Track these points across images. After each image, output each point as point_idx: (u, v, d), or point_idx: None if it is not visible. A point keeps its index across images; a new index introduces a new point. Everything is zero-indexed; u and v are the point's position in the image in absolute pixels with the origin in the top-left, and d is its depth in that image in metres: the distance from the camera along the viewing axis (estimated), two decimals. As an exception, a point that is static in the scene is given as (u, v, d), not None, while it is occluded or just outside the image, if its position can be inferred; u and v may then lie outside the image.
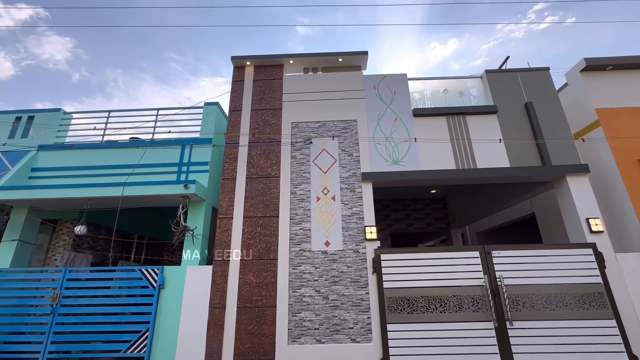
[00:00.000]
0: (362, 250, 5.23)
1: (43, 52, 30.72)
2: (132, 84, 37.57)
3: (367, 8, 33.68)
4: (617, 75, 6.20)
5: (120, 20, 29.09)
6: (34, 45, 30.34)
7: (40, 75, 31.29)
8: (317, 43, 41.55)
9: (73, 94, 35.84)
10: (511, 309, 4.73)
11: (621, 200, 5.47)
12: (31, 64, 30.59)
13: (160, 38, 37.37)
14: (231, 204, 5.64)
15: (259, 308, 4.97)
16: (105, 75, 35.75)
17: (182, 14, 31.42)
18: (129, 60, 37.17)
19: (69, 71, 32.14)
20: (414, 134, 5.95)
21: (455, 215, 10.60)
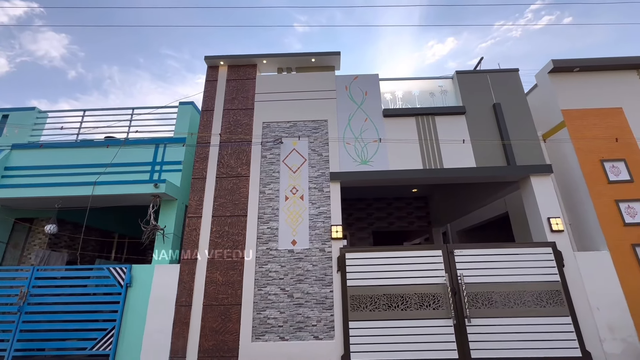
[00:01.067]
0: (327, 249, 5.31)
1: (38, 49, 30.45)
2: (128, 81, 37.38)
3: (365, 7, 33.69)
4: (584, 77, 6.29)
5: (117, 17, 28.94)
6: (28, 42, 30.07)
7: (36, 72, 31.02)
8: (314, 41, 41.49)
9: (69, 90, 35.60)
10: (470, 307, 4.83)
11: (583, 200, 5.57)
12: (26, 60, 30.32)
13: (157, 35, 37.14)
14: (200, 203, 5.69)
15: (225, 306, 5.04)
16: (101, 72, 35.53)
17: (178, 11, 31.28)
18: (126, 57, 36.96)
19: (65, 68, 31.90)
20: (383, 134, 6.02)
21: (436, 214, 10.71)
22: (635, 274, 4.97)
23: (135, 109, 7.20)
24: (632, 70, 6.31)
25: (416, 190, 10.63)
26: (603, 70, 6.32)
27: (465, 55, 37.74)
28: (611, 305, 4.83)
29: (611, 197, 5.41)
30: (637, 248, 5.09)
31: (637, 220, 5.25)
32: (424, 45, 37.78)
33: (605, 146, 5.72)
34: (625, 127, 5.87)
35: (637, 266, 5.00)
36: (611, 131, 5.84)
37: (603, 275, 4.99)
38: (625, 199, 5.38)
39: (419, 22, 33.33)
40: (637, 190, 5.43)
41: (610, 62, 6.30)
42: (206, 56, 6.65)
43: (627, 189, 5.44)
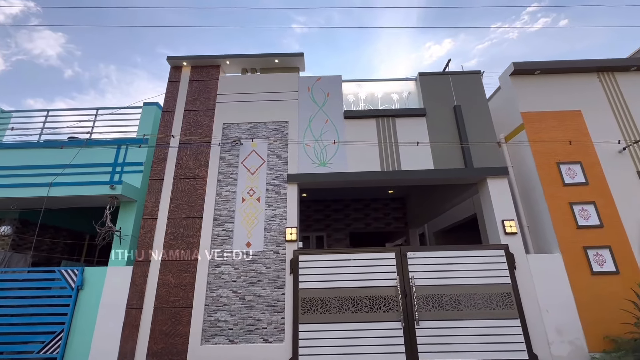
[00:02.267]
0: (282, 252, 5.28)
1: (34, 47, 30.13)
2: (125, 80, 37.11)
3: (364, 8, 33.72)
4: (544, 79, 6.31)
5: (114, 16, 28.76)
6: (25, 40, 29.75)
7: (32, 71, 30.68)
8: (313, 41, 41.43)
9: (65, 90, 35.27)
10: (420, 309, 4.82)
11: (539, 203, 5.59)
12: (22, 59, 30.00)
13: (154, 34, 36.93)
14: (157, 205, 5.65)
15: (176, 309, 5.01)
16: (98, 71, 35.23)
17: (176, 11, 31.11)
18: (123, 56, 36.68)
19: (61, 67, 31.58)
20: (343, 136, 6.01)
21: (413, 215, 10.72)
22: (585, 276, 4.98)
23: (100, 109, 7.14)
24: (592, 73, 6.34)
25: (392, 192, 10.64)
26: (564, 73, 6.34)
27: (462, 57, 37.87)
28: (561, 307, 4.84)
29: (565, 199, 5.42)
30: (588, 250, 5.10)
31: (590, 222, 5.26)
32: (422, 46, 37.89)
33: (562, 149, 5.74)
34: (584, 130, 5.89)
35: (587, 269, 5.02)
36: (569, 134, 5.86)
37: (554, 277, 5.01)
38: (579, 201, 5.39)
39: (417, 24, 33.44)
40: (592, 193, 5.45)
41: (571, 65, 6.32)
42: (169, 57, 6.60)
43: (581, 192, 5.46)
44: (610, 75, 6.33)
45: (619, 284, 4.84)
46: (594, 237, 5.19)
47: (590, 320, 4.75)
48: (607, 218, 5.28)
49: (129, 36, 36.76)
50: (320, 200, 11.36)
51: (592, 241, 5.16)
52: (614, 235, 5.19)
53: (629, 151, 5.71)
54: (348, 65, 45.17)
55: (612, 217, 5.29)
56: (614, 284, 4.87)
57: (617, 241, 5.15)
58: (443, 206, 8.50)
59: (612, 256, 5.06)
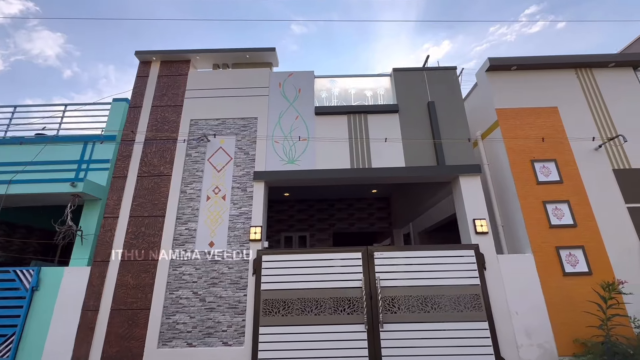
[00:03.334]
0: (246, 251, 5.11)
1: (33, 48, 29.91)
2: (124, 79, 36.91)
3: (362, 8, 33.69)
4: (521, 75, 6.16)
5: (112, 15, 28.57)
6: (23, 40, 29.52)
7: (30, 71, 30.44)
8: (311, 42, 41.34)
9: (64, 90, 35.01)
10: (386, 311, 4.65)
11: (512, 201, 5.43)
12: (21, 59, 29.76)
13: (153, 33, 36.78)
14: (119, 203, 5.47)
15: (133, 310, 4.82)
16: (97, 72, 35.01)
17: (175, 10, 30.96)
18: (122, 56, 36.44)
19: (60, 67, 31.35)
20: (314, 132, 5.84)
21: (397, 215, 10.56)
22: (557, 277, 4.82)
23: (69, 105, 6.96)
24: (570, 69, 6.20)
25: (375, 191, 10.48)
26: (541, 69, 6.19)
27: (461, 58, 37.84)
28: (531, 310, 4.68)
29: (539, 198, 5.27)
30: (561, 251, 4.94)
31: (564, 222, 5.11)
32: (420, 47, 37.88)
33: (537, 146, 5.59)
34: (559, 127, 5.74)
35: (559, 270, 4.86)
36: (545, 131, 5.71)
37: (525, 279, 4.84)
38: (553, 200, 5.24)
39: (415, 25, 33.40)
40: (566, 191, 5.29)
41: (548, 61, 6.18)
42: (137, 51, 6.44)
43: (555, 190, 5.31)
44: (588, 71, 6.19)
45: (591, 285, 4.67)
46: (567, 236, 5.03)
47: (561, 322, 4.59)
48: (581, 217, 5.12)
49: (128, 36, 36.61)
50: (304, 200, 11.19)
51: (565, 241, 5.00)
52: (587, 235, 5.03)
53: (605, 149, 5.56)
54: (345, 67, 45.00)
55: (587, 216, 5.14)
56: (586, 285, 4.71)
57: (590, 241, 5.00)
58: (423, 205, 8.36)
59: (585, 256, 4.90)
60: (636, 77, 6.12)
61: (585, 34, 34.77)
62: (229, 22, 35.22)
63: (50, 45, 30.03)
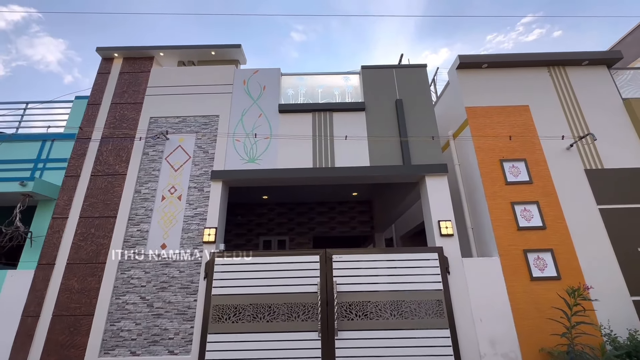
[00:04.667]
0: (199, 254, 4.85)
1: (35, 53, 29.85)
2: None
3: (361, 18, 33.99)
4: (492, 73, 5.99)
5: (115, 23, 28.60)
6: (25, 46, 29.44)
7: (31, 76, 30.30)
8: (311, 49, 41.56)
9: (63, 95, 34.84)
10: (342, 318, 4.39)
11: (481, 203, 5.21)
12: (22, 64, 29.65)
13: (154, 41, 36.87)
14: (69, 203, 5.22)
15: (76, 317, 4.55)
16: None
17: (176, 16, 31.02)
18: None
19: (61, 72, 31.26)
20: (277, 131, 5.63)
21: (378, 218, 10.32)
22: (524, 282, 4.57)
23: (30, 103, 6.76)
24: (542, 67, 6.03)
25: (356, 194, 10.24)
26: (513, 67, 6.02)
27: None
28: (496, 317, 4.42)
29: (507, 199, 5.05)
30: (528, 254, 4.71)
31: (532, 224, 4.88)
32: (419, 55, 38.13)
33: (506, 145, 5.39)
34: (530, 126, 5.55)
35: (527, 274, 4.61)
36: (515, 129, 5.51)
37: (490, 283, 4.60)
38: (521, 201, 5.01)
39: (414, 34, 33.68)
40: (536, 192, 5.07)
41: (520, 58, 6.01)
42: (98, 47, 6.25)
43: (525, 191, 5.09)
44: (561, 69, 6.02)
45: (559, 290, 4.42)
46: (535, 239, 4.80)
47: (527, 330, 4.33)
48: (550, 219, 4.90)
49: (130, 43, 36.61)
50: (284, 203, 10.94)
51: (533, 244, 4.77)
52: (557, 237, 4.80)
53: (576, 148, 5.36)
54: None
55: (556, 218, 4.91)
56: (554, 290, 4.46)
57: (560, 244, 4.76)
58: (401, 208, 8.13)
59: (554, 260, 4.66)
60: (610, 76, 5.95)
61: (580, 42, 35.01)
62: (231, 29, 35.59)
63: (51, 51, 30.04)
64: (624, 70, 6.20)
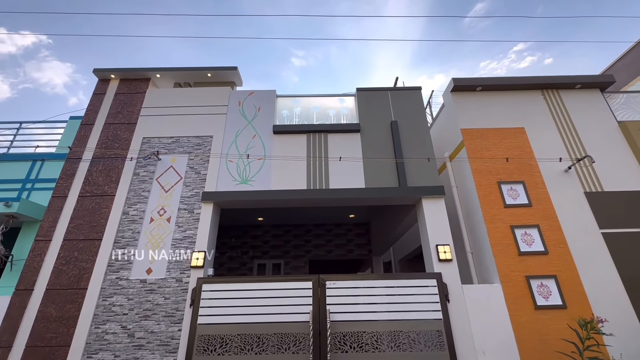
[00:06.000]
0: (185, 279, 4.62)
1: (42, 77, 30.53)
2: None
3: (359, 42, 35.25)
4: (487, 96, 6.02)
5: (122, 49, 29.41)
6: (33, 70, 30.15)
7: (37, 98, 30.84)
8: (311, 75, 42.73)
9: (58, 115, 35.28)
10: (336, 350, 4.10)
11: (480, 227, 5.05)
12: (29, 87, 30.25)
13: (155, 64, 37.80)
14: (54, 225, 5.03)
15: (51, 348, 4.24)
16: None
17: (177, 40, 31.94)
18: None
19: (66, 95, 31.83)
20: (271, 152, 5.56)
21: (376, 242, 10.08)
22: (528, 311, 4.33)
23: (23, 123, 6.72)
24: (536, 90, 6.07)
25: (353, 216, 10.06)
26: (507, 90, 6.06)
27: None
28: (499, 348, 4.14)
29: (507, 222, 4.89)
30: (531, 281, 4.49)
31: (534, 248, 4.70)
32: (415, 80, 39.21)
33: (503, 167, 5.30)
34: (527, 148, 5.49)
35: (530, 303, 4.38)
36: (512, 151, 5.45)
37: (492, 312, 4.35)
38: (521, 224, 4.86)
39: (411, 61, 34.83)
40: (536, 215, 4.93)
41: (514, 82, 6.07)
42: (95, 69, 6.29)
43: (524, 214, 4.95)
44: (555, 92, 6.06)
45: (565, 320, 4.18)
46: (538, 265, 4.60)
47: (534, 364, 4.04)
48: (552, 243, 4.72)
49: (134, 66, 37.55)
50: (280, 225, 10.72)
51: (535, 270, 4.57)
52: (560, 263, 4.60)
53: (575, 170, 5.28)
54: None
55: (558, 242, 4.74)
56: (560, 320, 4.22)
57: (564, 270, 4.56)
58: (399, 231, 7.93)
59: (558, 287, 4.44)
60: (604, 99, 5.98)
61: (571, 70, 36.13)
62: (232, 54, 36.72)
63: (58, 75, 30.74)
64: (617, 94, 6.24)
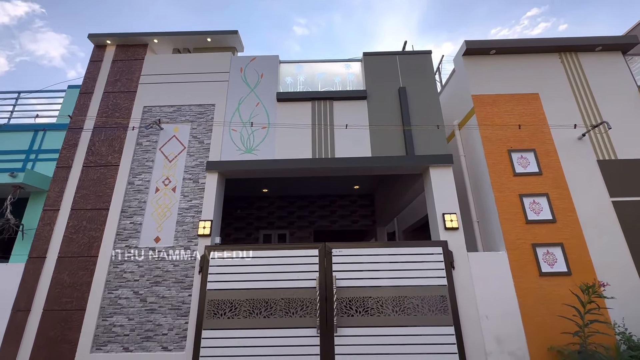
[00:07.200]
0: (193, 248, 4.69)
1: (38, 49, 29.75)
2: None
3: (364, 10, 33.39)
4: (501, 60, 5.71)
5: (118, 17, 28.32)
6: (28, 41, 29.33)
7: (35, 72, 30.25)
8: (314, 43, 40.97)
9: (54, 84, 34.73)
10: (342, 314, 4.21)
11: (487, 196, 4.98)
12: (26, 60, 29.57)
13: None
14: (61, 195, 5.05)
15: (67, 311, 4.41)
16: None
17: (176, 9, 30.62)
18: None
19: (64, 67, 31.14)
20: (275, 120, 5.42)
21: (380, 212, 10.12)
22: (532, 278, 4.37)
23: (22, 93, 6.58)
24: (553, 53, 5.74)
25: (358, 187, 10.04)
26: (522, 54, 5.74)
27: None
28: (502, 313, 4.23)
29: (515, 191, 4.82)
30: (537, 248, 4.49)
31: (542, 217, 4.66)
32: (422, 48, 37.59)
33: (514, 135, 5.14)
34: (540, 114, 5.29)
35: (535, 270, 4.41)
36: (524, 118, 5.26)
37: (497, 279, 4.40)
38: (530, 193, 4.78)
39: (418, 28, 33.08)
40: (545, 183, 4.84)
41: (530, 44, 5.73)
42: (90, 34, 6.03)
43: (534, 183, 4.86)
44: (573, 56, 5.73)
45: (569, 286, 4.22)
46: (545, 233, 4.58)
47: (536, 328, 4.14)
48: (560, 212, 4.67)
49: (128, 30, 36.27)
50: (285, 197, 10.76)
51: (542, 238, 4.55)
52: (567, 231, 4.58)
53: (589, 138, 5.11)
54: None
55: (567, 210, 4.69)
56: (564, 286, 4.26)
57: (571, 238, 4.54)
58: (404, 200, 7.92)
59: (564, 255, 4.45)
60: (625, 63, 5.66)
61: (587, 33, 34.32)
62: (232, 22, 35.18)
63: (54, 47, 29.91)
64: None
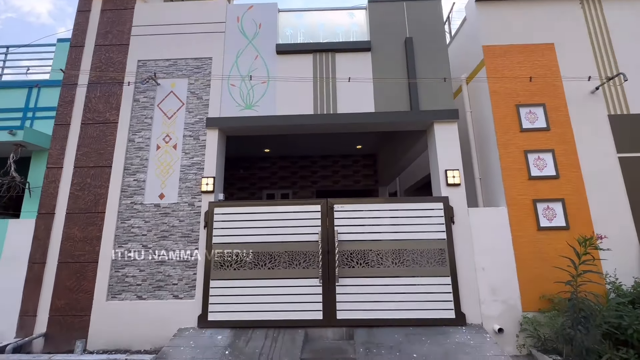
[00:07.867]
0: (197, 204, 4.76)
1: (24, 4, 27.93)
2: None
3: None
4: (516, 6, 5.30)
5: None
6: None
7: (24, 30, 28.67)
8: None
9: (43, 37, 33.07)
10: (344, 266, 4.38)
11: (492, 152, 4.91)
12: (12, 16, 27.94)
13: None
14: (62, 153, 5.04)
15: (81, 263, 4.61)
16: None
17: None
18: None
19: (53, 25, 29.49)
20: (274, 73, 5.21)
21: (382, 171, 10.14)
22: (530, 232, 4.45)
23: (11, 47, 6.30)
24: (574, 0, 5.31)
25: (360, 147, 9.95)
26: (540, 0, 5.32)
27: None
28: (498, 266, 4.38)
29: (521, 147, 4.74)
30: (538, 204, 4.52)
31: (545, 173, 4.62)
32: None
33: (525, 89, 4.93)
34: (553, 67, 5.03)
35: (534, 224, 4.47)
36: (536, 71, 5.01)
37: (495, 233, 4.49)
38: (536, 149, 4.71)
39: None
40: (552, 139, 4.74)
41: (550, -12, 5.28)
42: (74, -20, 5.60)
43: (540, 138, 4.76)
44: (596, 2, 5.30)
45: (566, 240, 4.30)
46: (547, 189, 4.58)
47: (529, 279, 4.31)
48: (565, 168, 4.63)
49: None
50: (287, 157, 10.74)
51: (544, 193, 4.56)
52: (569, 187, 4.57)
53: (602, 91, 4.90)
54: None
55: (571, 166, 4.64)
56: (561, 240, 4.35)
57: (572, 194, 4.55)
58: (407, 159, 7.88)
59: (564, 210, 4.48)
60: (651, 8, 5.24)
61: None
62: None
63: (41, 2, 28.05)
64: (668, 2, 5.44)
